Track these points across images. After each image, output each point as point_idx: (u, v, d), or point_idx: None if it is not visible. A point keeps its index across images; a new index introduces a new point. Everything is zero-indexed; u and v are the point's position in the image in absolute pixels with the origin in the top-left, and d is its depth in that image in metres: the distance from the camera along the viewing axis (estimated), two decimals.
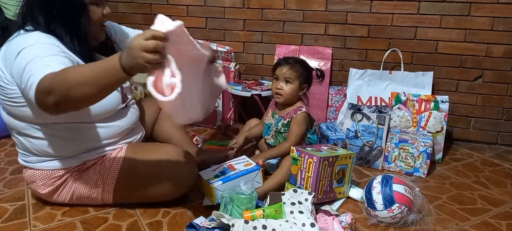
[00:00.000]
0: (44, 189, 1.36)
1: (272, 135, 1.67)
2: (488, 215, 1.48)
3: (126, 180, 1.36)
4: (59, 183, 1.35)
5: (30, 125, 1.27)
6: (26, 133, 1.29)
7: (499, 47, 2.02)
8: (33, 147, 1.30)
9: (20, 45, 1.14)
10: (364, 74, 2.13)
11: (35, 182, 1.35)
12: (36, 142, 1.29)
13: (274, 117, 1.66)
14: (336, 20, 2.20)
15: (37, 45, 1.13)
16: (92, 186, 1.36)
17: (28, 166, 1.36)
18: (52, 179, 1.34)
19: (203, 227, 1.24)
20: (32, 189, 1.40)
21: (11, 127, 1.32)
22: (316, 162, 1.37)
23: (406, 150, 1.77)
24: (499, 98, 2.10)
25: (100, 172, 1.35)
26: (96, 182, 1.36)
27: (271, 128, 1.68)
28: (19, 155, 1.39)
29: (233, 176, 1.41)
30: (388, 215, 1.32)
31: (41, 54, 1.10)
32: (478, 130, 2.18)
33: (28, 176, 1.37)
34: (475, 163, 1.96)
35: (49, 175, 1.34)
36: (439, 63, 2.12)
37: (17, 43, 1.16)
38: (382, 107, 1.84)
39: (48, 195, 1.38)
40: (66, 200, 1.39)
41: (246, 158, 1.53)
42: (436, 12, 2.05)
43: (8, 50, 1.18)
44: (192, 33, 2.42)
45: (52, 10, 1.20)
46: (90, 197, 1.38)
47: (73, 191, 1.37)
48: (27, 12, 1.23)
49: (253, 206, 1.31)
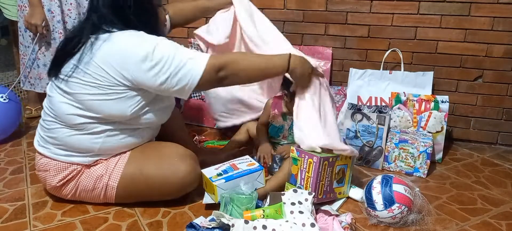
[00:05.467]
0: (55, 179, 1.37)
1: (285, 135, 1.68)
2: (488, 215, 1.48)
3: (130, 177, 1.37)
4: (70, 177, 1.37)
5: (93, 120, 1.31)
6: (79, 127, 1.31)
7: (499, 47, 2.02)
8: (69, 141, 1.33)
9: (140, 45, 1.25)
10: (364, 74, 2.13)
11: (49, 171, 1.37)
12: (79, 137, 1.32)
13: (286, 119, 1.67)
14: (336, 20, 2.20)
15: (163, 40, 1.29)
16: (97, 180, 1.37)
17: (45, 154, 1.37)
18: (65, 170, 1.36)
19: (203, 227, 1.24)
20: (42, 178, 1.42)
21: (63, 119, 1.32)
22: (316, 162, 1.37)
23: (406, 150, 1.77)
24: (499, 98, 2.10)
25: (106, 167, 1.38)
26: (102, 177, 1.37)
27: (282, 129, 1.68)
28: (40, 141, 1.40)
29: (236, 175, 1.41)
30: (388, 215, 1.32)
31: (177, 45, 1.30)
32: (478, 130, 2.18)
33: (42, 163, 1.39)
34: (475, 163, 1.96)
35: (64, 166, 1.36)
36: (439, 63, 2.12)
37: (129, 44, 1.25)
38: (382, 108, 1.84)
39: (56, 188, 1.39)
40: (71, 195, 1.40)
41: (249, 158, 1.53)
42: (436, 12, 2.05)
43: (116, 52, 1.25)
44: (192, 34, 2.43)
45: (129, 15, 1.30)
46: (93, 192, 1.39)
47: (78, 184, 1.38)
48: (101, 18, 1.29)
49: (253, 206, 1.31)
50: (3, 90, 2.04)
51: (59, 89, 1.31)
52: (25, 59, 2.06)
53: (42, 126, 1.40)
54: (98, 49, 1.25)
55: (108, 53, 1.25)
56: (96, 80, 1.26)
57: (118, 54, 1.25)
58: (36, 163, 1.43)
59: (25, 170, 1.75)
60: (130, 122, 1.35)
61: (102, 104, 1.28)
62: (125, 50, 1.25)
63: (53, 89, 1.34)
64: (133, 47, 1.25)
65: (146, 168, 1.37)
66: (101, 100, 1.27)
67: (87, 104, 1.29)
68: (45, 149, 1.38)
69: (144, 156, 1.40)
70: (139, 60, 1.23)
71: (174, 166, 1.38)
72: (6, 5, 2.24)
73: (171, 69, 1.25)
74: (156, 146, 1.46)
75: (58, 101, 1.31)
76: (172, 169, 1.37)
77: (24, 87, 2.18)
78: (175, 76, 1.26)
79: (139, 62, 1.23)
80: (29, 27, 1.94)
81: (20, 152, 1.95)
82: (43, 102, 1.42)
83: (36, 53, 2.03)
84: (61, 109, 1.31)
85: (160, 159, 1.39)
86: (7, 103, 2.00)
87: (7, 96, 2.00)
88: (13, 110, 2.05)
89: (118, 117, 1.32)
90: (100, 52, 1.25)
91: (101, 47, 1.25)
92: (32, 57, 2.02)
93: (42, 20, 1.92)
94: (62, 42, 1.40)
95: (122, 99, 1.29)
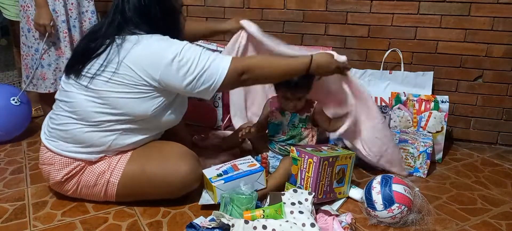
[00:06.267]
0: (59, 174, 1.38)
1: (285, 132, 1.68)
2: (488, 215, 1.48)
3: (132, 175, 1.38)
4: (74, 172, 1.38)
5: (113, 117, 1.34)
6: (97, 124, 1.34)
7: (499, 47, 2.02)
8: (81, 137, 1.35)
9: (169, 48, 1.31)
10: (364, 74, 2.13)
11: (54, 164, 1.38)
12: (92, 134, 1.35)
13: (285, 115, 1.67)
14: (336, 20, 2.20)
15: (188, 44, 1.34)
16: (99, 176, 1.38)
17: (52, 149, 1.38)
18: (70, 165, 1.38)
19: (203, 227, 1.24)
20: (46, 172, 1.42)
21: (82, 115, 1.34)
22: (316, 162, 1.37)
23: (406, 150, 1.77)
24: (499, 98, 2.10)
25: (109, 164, 1.39)
26: (104, 173, 1.38)
27: (281, 126, 1.69)
28: (47, 135, 1.42)
29: (236, 176, 1.41)
30: (387, 215, 1.32)
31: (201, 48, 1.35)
32: (478, 130, 2.18)
33: (47, 157, 1.40)
34: (475, 163, 1.96)
35: (69, 162, 1.38)
36: (439, 63, 2.12)
37: (159, 48, 1.31)
38: (382, 108, 1.84)
39: (59, 183, 1.40)
40: (72, 191, 1.41)
41: (251, 159, 1.53)
42: (436, 12, 2.05)
43: (147, 55, 1.31)
44: None
45: (152, 20, 1.36)
46: (94, 189, 1.40)
47: (80, 180, 1.39)
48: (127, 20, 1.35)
49: (253, 206, 1.31)
50: (14, 91, 2.05)
51: (80, 86, 1.34)
52: (28, 59, 2.06)
53: (52, 120, 1.42)
54: (129, 51, 1.31)
55: (139, 55, 1.31)
56: (123, 79, 1.31)
57: (149, 56, 1.31)
58: (41, 156, 1.43)
59: (25, 170, 1.75)
60: (147, 121, 1.39)
61: (128, 102, 1.33)
62: (155, 53, 1.31)
63: (71, 86, 1.36)
64: (162, 50, 1.31)
65: (147, 166, 1.38)
66: (126, 99, 1.32)
67: (111, 102, 1.32)
68: (52, 142, 1.39)
69: (146, 154, 1.42)
70: (168, 62, 1.29)
71: (175, 165, 1.39)
72: (6, 5, 2.24)
73: (197, 70, 1.31)
74: (158, 145, 1.47)
75: (79, 98, 1.34)
76: (173, 168, 1.38)
77: (26, 88, 2.18)
78: (201, 78, 1.32)
79: (168, 64, 1.29)
80: (38, 28, 1.94)
81: (20, 152, 1.95)
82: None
83: (41, 54, 2.03)
84: (82, 105, 1.34)
85: (162, 158, 1.40)
86: (18, 106, 2.02)
87: (18, 99, 2.02)
88: (24, 113, 2.08)
89: (140, 115, 1.36)
90: (131, 54, 1.30)
91: (131, 49, 1.31)
92: (38, 57, 2.02)
93: (50, 20, 1.93)
94: (83, 42, 1.43)
95: (146, 98, 1.34)
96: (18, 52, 2.29)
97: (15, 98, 2.00)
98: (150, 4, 1.35)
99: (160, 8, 1.36)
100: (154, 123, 1.42)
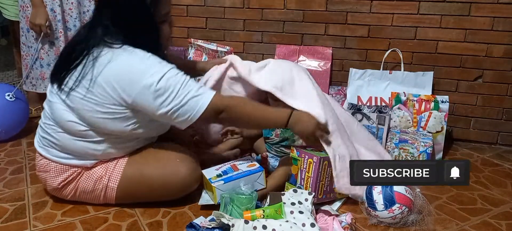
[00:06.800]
0: (56, 181, 1.37)
1: (277, 134, 1.68)
2: (488, 215, 1.48)
3: (130, 178, 1.37)
4: (71, 178, 1.37)
5: (96, 133, 1.31)
6: (80, 134, 1.31)
7: (499, 47, 2.02)
8: (70, 146, 1.33)
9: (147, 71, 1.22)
10: (364, 74, 2.13)
11: (49, 172, 1.37)
12: (81, 144, 1.33)
13: None
14: (336, 20, 2.20)
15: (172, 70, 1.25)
16: (97, 181, 1.37)
17: (45, 156, 1.37)
18: (66, 172, 1.37)
19: (203, 227, 1.24)
20: (43, 179, 1.42)
21: (64, 126, 1.31)
22: (316, 162, 1.37)
23: (406, 150, 1.77)
24: (499, 98, 2.10)
25: (106, 168, 1.38)
26: (101, 178, 1.37)
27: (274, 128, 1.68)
28: (39, 142, 1.40)
29: (235, 177, 1.41)
30: (388, 215, 1.32)
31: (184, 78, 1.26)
32: (478, 130, 2.18)
33: (42, 164, 1.39)
34: (475, 163, 1.96)
35: (64, 168, 1.36)
36: (439, 63, 2.12)
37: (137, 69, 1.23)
38: (382, 108, 1.84)
39: (56, 189, 1.40)
40: (71, 195, 1.40)
41: (250, 159, 1.53)
42: (436, 12, 2.05)
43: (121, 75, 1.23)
44: (192, 33, 2.43)
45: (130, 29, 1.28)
46: (93, 193, 1.39)
47: (78, 185, 1.38)
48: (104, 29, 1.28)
49: (253, 206, 1.31)
50: (9, 89, 2.05)
51: (60, 99, 1.31)
52: (28, 59, 2.06)
53: (42, 128, 1.40)
54: (103, 68, 1.24)
55: (112, 74, 1.23)
56: (97, 97, 1.25)
57: (122, 77, 1.23)
58: (37, 164, 1.43)
59: (25, 170, 1.75)
60: (132, 135, 1.35)
61: (104, 122, 1.28)
62: (131, 74, 1.23)
63: (54, 95, 1.33)
64: (140, 73, 1.23)
65: (146, 169, 1.37)
66: (102, 118, 1.27)
67: (88, 120, 1.29)
68: (45, 150, 1.38)
69: (144, 157, 1.40)
70: (144, 87, 1.22)
71: (174, 167, 1.38)
72: (5, 5, 2.24)
73: (174, 102, 1.23)
74: (156, 147, 1.45)
75: (59, 109, 1.31)
76: (172, 170, 1.37)
77: (25, 88, 2.18)
78: (177, 111, 1.25)
79: (143, 88, 1.22)
80: (33, 28, 1.94)
81: (20, 152, 1.95)
82: (43, 102, 1.42)
83: (39, 53, 2.03)
84: (62, 117, 1.31)
85: (160, 160, 1.39)
86: (14, 102, 2.01)
87: (13, 95, 2.01)
88: (20, 109, 2.07)
89: (118, 132, 1.32)
90: (104, 72, 1.24)
91: (105, 67, 1.24)
92: (34, 57, 2.02)
93: (45, 20, 1.92)
94: (67, 47, 1.39)
95: (120, 119, 1.28)
96: (18, 52, 2.29)
97: (10, 94, 1.99)
98: (128, 12, 1.28)
99: (139, 17, 1.29)
100: (141, 135, 1.38)
